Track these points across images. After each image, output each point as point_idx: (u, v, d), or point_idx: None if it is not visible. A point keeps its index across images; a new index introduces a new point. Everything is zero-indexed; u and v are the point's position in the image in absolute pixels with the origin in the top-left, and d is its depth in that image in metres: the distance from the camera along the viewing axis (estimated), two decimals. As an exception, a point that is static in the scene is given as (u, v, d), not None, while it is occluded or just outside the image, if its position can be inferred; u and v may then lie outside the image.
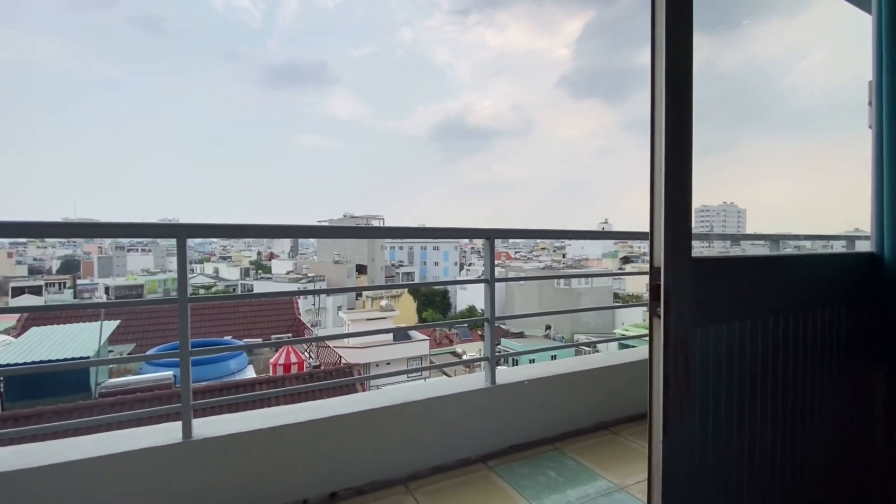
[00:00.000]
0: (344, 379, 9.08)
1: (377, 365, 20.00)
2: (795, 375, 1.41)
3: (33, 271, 53.59)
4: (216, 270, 56.70)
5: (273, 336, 13.71)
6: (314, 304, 25.61)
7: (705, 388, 1.20)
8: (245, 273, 52.19)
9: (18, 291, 37.47)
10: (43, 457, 1.48)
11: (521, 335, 29.69)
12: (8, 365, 7.52)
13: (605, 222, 63.08)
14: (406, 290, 38.13)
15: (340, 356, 13.03)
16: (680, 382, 1.13)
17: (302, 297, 23.98)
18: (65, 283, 43.47)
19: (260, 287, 39.93)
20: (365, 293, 34.23)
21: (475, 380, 2.44)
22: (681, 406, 1.13)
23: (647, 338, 1.16)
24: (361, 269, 43.34)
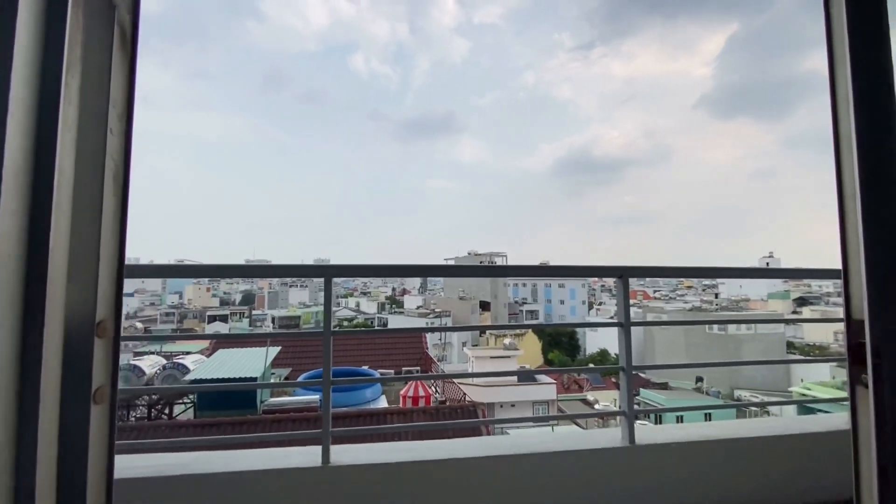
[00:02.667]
0: (470, 420, 9.04)
1: (501, 406, 19.54)
2: None
3: (223, 303, 66.03)
4: (357, 304, 62.75)
5: (403, 368, 14.45)
6: (440, 340, 26.44)
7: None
8: (381, 307, 56.86)
9: (212, 319, 46.63)
10: (214, 465, 1.74)
11: (664, 386, 26.13)
12: (201, 381, 9.24)
13: (770, 256, 53.42)
14: (530, 329, 37.11)
15: (465, 393, 13.07)
16: (907, 475, 0.83)
17: (430, 333, 25.11)
18: (243, 313, 52.61)
19: (393, 320, 42.90)
20: (489, 331, 34.28)
21: (610, 436, 2.18)
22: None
23: (847, 405, 0.89)
24: (485, 306, 43.71)
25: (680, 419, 17.32)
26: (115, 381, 0.55)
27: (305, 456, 1.87)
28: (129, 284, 65.04)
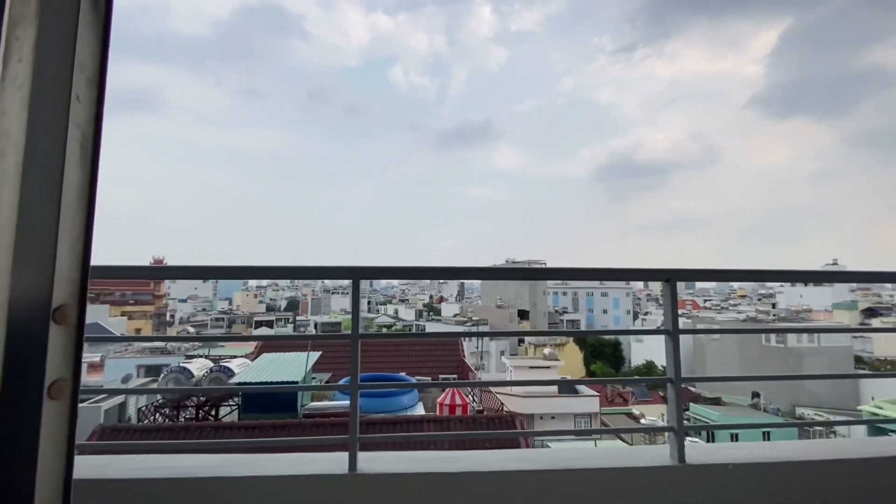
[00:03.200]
0: (508, 431, 8.83)
1: (541, 417, 19.02)
2: None
3: (269, 308, 68.70)
4: (396, 311, 63.51)
5: (441, 376, 14.37)
6: (478, 348, 26.20)
7: None
8: (419, 314, 57.24)
9: (259, 324, 48.62)
10: (240, 468, 1.72)
11: (717, 402, 24.54)
12: (244, 384, 9.55)
13: (835, 263, 49.35)
14: (571, 339, 36.09)
15: (502, 403, 12.81)
16: None
17: (466, 339, 24.92)
18: (288, 319, 54.49)
19: (431, 327, 43.02)
20: (528, 340, 33.62)
21: (658, 453, 2.00)
22: None
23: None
24: (523, 315, 43.00)
25: (735, 437, 16.20)
26: (77, 374, 0.50)
27: (333, 463, 1.82)
28: (182, 290, 69.10)
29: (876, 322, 33.64)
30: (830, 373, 22.98)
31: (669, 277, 1.82)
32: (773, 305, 49.83)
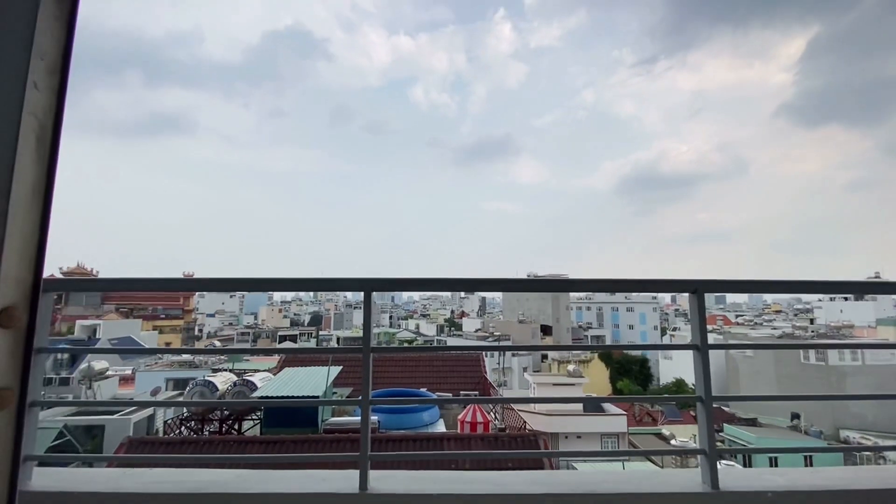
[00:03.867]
0: (531, 451, 8.57)
1: (566, 437, 18.46)
2: None
3: (293, 323, 69.64)
4: (417, 326, 63.42)
5: (461, 392, 14.16)
6: (499, 364, 25.80)
7: None
8: (440, 329, 56.96)
9: (282, 339, 49.30)
10: (250, 485, 1.69)
11: (753, 422, 23.32)
12: (265, 398, 9.61)
13: (877, 276, 46.87)
14: (596, 355, 35.16)
15: (525, 421, 12.49)
16: None
17: (488, 355, 24.55)
18: (311, 334, 55.07)
19: (452, 342, 42.69)
20: (551, 356, 32.92)
21: (690, 478, 1.87)
22: None
23: None
24: (546, 330, 42.23)
25: (774, 462, 15.31)
26: (25, 381, 0.46)
27: (345, 481, 1.77)
28: (210, 305, 70.84)
29: (926, 339, 31.54)
30: (877, 393, 21.63)
31: (697, 289, 1.72)
32: (812, 321, 47.43)
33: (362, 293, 1.72)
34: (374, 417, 10.19)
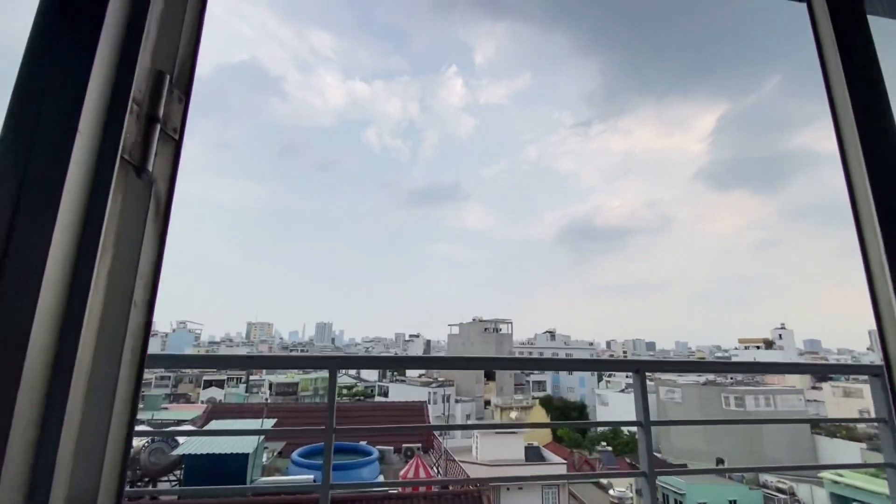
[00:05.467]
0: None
1: (507, 489, 18.13)
2: None
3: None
4: (357, 372, 60.90)
5: (404, 445, 13.63)
6: (444, 413, 25.27)
7: None
8: (382, 374, 55.01)
9: (208, 384, 45.19)
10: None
11: (683, 467, 24.31)
12: (189, 455, 8.71)
13: (782, 328, 52.07)
14: (538, 401, 35.52)
15: (468, 475, 12.19)
16: None
17: (432, 402, 24.01)
18: (241, 378, 51.00)
19: (395, 388, 41.27)
20: (494, 402, 32.76)
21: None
22: None
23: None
24: (490, 376, 42.19)
25: (703, 507, 15.92)
26: None
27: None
28: (128, 346, 64.06)
29: (826, 387, 35.10)
30: (789, 438, 23.35)
31: (639, 368, 1.87)
32: (730, 368, 51.46)
33: (327, 371, 1.70)
34: (309, 476, 9.50)
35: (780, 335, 50.91)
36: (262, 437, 10.27)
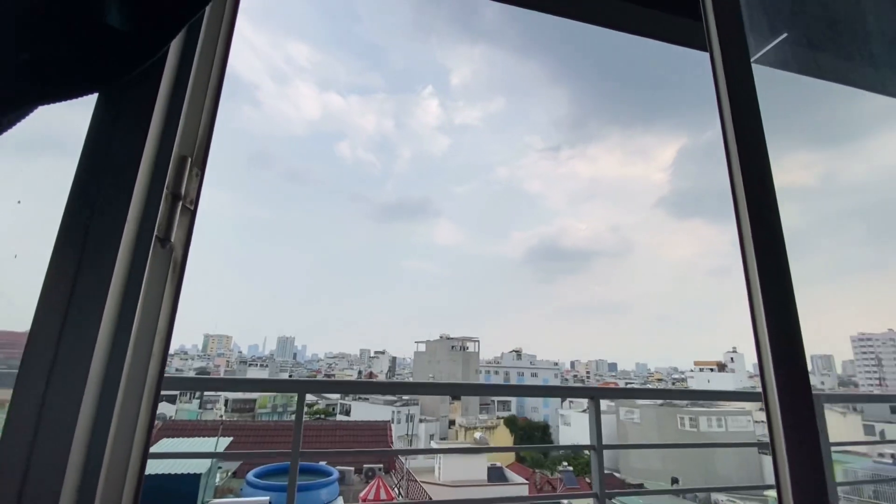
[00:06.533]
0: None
1: (470, 510, 17.98)
2: None
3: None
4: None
5: (365, 465, 13.34)
6: (407, 433, 24.88)
7: None
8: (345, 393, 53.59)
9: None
10: None
11: (640, 487, 24.88)
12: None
13: (734, 351, 54.64)
14: (502, 421, 35.55)
15: (429, 496, 12.05)
16: None
17: (395, 422, 23.63)
18: (194, 394, 48.48)
19: (357, 407, 40.29)
20: (458, 422, 32.57)
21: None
22: None
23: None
24: (456, 396, 41.98)
25: (658, 528, 16.25)
26: None
27: None
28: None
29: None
30: (739, 458, 24.34)
31: (594, 395, 2.03)
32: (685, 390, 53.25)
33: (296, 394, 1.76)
34: (265, 498, 9.14)
35: (731, 358, 53.39)
36: (216, 457, 9.85)
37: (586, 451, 1.94)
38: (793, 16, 1.75)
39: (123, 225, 0.62)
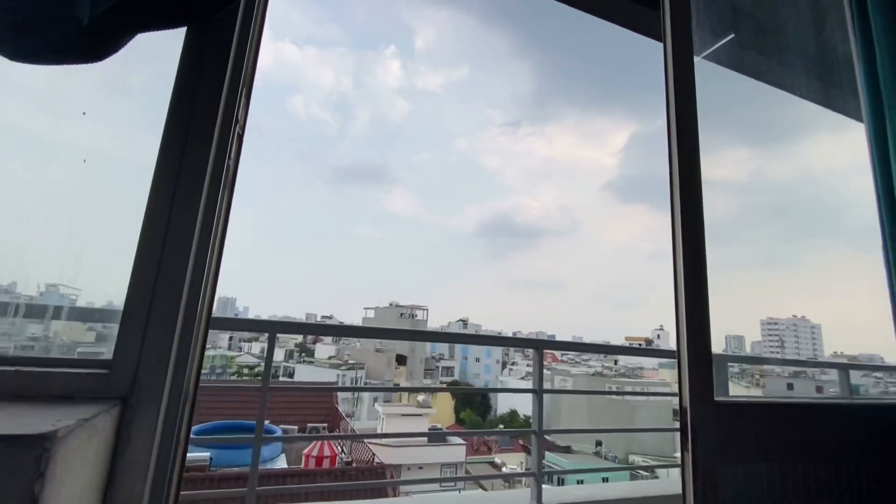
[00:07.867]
0: (376, 482, 8.64)
1: (409, 468, 18.77)
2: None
3: (100, 338, 57.32)
4: (262, 350, 57.93)
5: (309, 424, 13.51)
6: (352, 395, 25.22)
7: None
8: (289, 355, 52.90)
9: (86, 357, 40.22)
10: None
11: (567, 450, 27.05)
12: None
13: (661, 329, 59.49)
14: (445, 386, 36.84)
15: (374, 454, 12.47)
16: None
17: (340, 383, 23.84)
18: (126, 352, 45.91)
19: (301, 370, 40.11)
20: (403, 386, 33.36)
21: (518, 497, 2.35)
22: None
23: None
24: (401, 360, 42.79)
25: (581, 481, 17.89)
26: None
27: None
28: None
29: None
30: (656, 424, 26.99)
31: (538, 346, 2.26)
32: (615, 362, 57.56)
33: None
34: (205, 454, 9.09)
35: (658, 335, 58.08)
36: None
37: (525, 415, 2.19)
38: (740, 18, 1.96)
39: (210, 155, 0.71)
